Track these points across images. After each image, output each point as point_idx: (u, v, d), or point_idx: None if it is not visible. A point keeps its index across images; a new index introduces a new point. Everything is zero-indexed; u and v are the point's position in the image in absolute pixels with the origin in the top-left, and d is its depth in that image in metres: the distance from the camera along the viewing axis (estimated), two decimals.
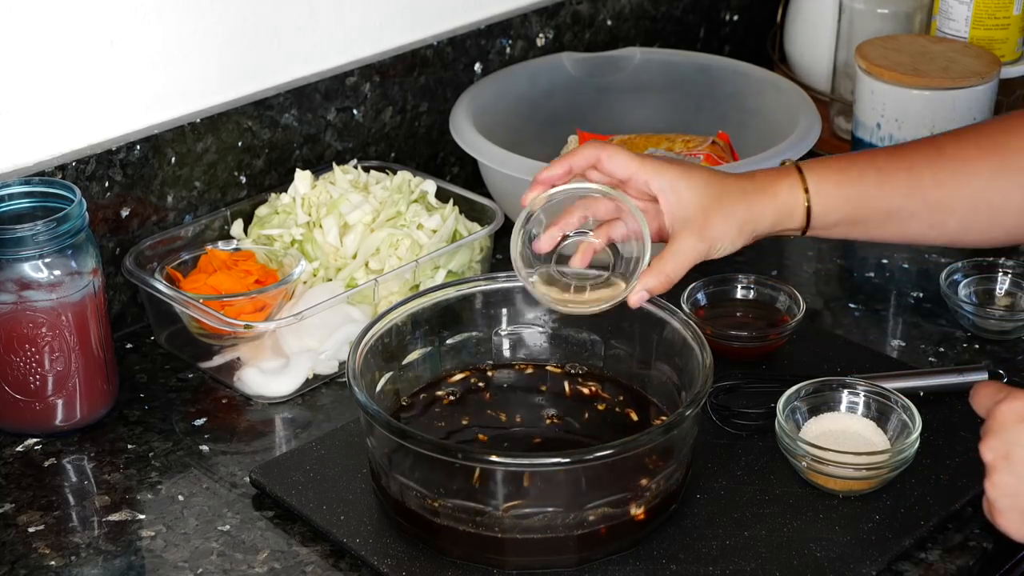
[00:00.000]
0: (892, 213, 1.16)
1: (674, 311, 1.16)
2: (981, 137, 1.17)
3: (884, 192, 1.15)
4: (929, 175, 1.15)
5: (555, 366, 1.23)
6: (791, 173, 1.15)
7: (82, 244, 1.18)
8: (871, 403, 1.16)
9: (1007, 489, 0.97)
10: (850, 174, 1.15)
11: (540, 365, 1.23)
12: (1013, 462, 0.96)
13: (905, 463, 1.10)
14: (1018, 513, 0.97)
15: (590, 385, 1.20)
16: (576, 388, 1.20)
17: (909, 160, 1.16)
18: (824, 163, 1.16)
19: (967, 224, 1.17)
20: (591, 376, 1.21)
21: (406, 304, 1.18)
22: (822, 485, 1.11)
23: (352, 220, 1.36)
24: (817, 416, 1.16)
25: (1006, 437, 0.96)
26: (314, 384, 1.28)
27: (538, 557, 1.04)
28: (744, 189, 1.14)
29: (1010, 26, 1.60)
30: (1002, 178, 1.15)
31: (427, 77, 1.56)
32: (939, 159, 1.16)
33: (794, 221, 1.15)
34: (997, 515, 0.98)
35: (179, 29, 1.36)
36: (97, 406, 1.22)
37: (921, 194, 1.15)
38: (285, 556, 1.07)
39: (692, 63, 1.65)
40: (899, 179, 1.15)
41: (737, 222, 1.13)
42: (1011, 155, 1.15)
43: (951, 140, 1.17)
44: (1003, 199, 1.15)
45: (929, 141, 1.18)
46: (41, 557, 1.08)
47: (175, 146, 1.37)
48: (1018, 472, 0.96)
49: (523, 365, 1.23)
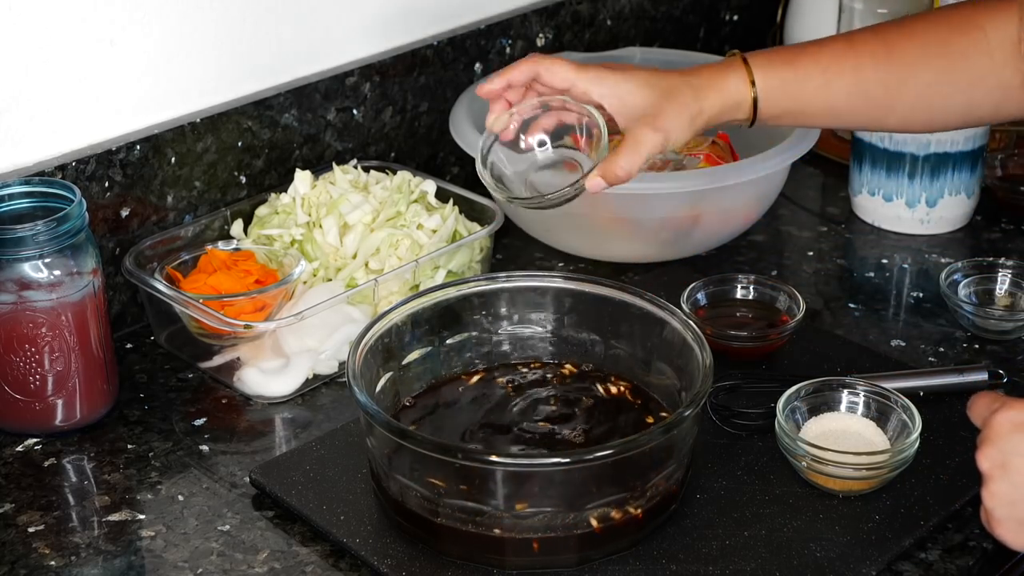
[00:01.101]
0: (835, 108, 1.19)
1: (674, 311, 1.16)
2: (929, 35, 1.17)
3: (829, 91, 1.17)
4: (874, 76, 1.17)
5: (555, 366, 1.23)
6: (738, 67, 1.17)
7: (82, 244, 1.18)
8: (871, 403, 1.16)
9: (1004, 498, 0.97)
10: (796, 71, 1.17)
11: (540, 365, 1.23)
12: (1010, 471, 0.96)
13: (905, 463, 1.10)
14: (1016, 522, 0.97)
15: (590, 385, 1.20)
16: (576, 388, 1.20)
17: (856, 58, 1.17)
18: (770, 58, 1.18)
19: (907, 121, 1.21)
20: (591, 376, 1.21)
21: (406, 304, 1.18)
22: (822, 485, 1.11)
23: (352, 220, 1.36)
24: (817, 416, 1.16)
25: (1002, 446, 0.96)
26: (314, 384, 1.28)
27: (538, 557, 1.04)
28: (691, 83, 1.16)
29: None
30: (945, 82, 1.16)
31: (427, 77, 1.56)
32: (886, 60, 1.17)
33: (741, 112, 1.18)
34: (995, 524, 0.98)
35: (179, 29, 1.36)
36: (97, 406, 1.22)
37: (864, 94, 1.18)
38: (285, 556, 1.07)
39: (692, 63, 1.63)
40: (844, 79, 1.17)
41: (689, 113, 1.14)
42: (956, 59, 1.15)
43: (899, 38, 1.18)
44: (944, 101, 1.17)
45: (878, 35, 1.19)
46: (41, 557, 1.08)
47: (175, 146, 1.37)
48: (1015, 481, 0.96)
49: (523, 365, 1.23)
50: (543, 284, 1.22)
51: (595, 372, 1.22)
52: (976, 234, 1.54)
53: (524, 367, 1.23)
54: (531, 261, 1.48)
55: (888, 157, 1.50)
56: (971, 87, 1.16)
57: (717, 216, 1.43)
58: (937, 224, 1.53)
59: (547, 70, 1.16)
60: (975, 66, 1.15)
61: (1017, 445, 0.96)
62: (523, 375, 1.22)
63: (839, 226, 1.56)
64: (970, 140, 1.49)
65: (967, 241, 1.52)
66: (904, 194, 1.51)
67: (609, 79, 1.15)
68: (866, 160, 1.53)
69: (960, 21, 1.16)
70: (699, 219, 1.41)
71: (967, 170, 1.50)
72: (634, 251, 1.45)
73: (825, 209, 1.61)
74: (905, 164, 1.50)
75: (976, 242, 1.52)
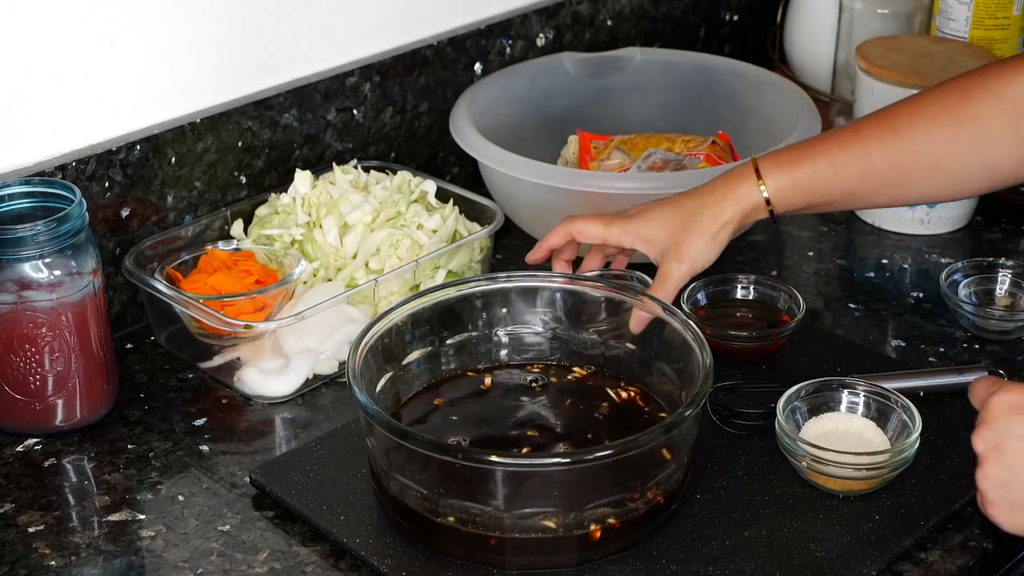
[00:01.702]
0: (852, 194, 1.21)
1: (674, 311, 1.16)
2: (934, 107, 1.18)
3: (840, 180, 1.20)
4: (883, 157, 1.18)
5: (555, 366, 1.23)
6: (749, 174, 1.21)
7: (82, 244, 1.17)
8: (871, 403, 1.16)
9: (997, 479, 0.97)
10: (804, 168, 1.21)
11: (540, 365, 1.23)
12: (1004, 453, 0.96)
13: (905, 463, 1.10)
14: (1007, 503, 0.97)
15: (591, 385, 1.20)
16: (576, 388, 1.20)
17: (863, 144, 1.19)
18: (779, 159, 1.22)
19: (928, 192, 1.23)
20: (592, 376, 1.21)
21: (406, 304, 1.18)
22: (822, 485, 1.11)
23: (352, 220, 1.36)
24: (817, 416, 1.16)
25: (997, 428, 0.97)
26: (314, 384, 1.28)
27: (538, 557, 1.04)
28: (705, 203, 1.22)
29: (1010, 26, 1.60)
30: (958, 149, 1.17)
31: (427, 77, 1.56)
32: (893, 139, 1.18)
33: (761, 213, 1.22)
34: (988, 505, 0.98)
35: (179, 29, 1.36)
36: (97, 406, 1.22)
37: (876, 176, 1.19)
38: (285, 556, 1.07)
39: (692, 63, 1.65)
40: (853, 166, 1.19)
41: (708, 234, 1.21)
42: (966, 123, 1.16)
43: (905, 115, 1.19)
44: (961, 167, 1.18)
45: (884, 118, 1.20)
46: (41, 557, 1.08)
47: (175, 146, 1.37)
48: (1008, 463, 0.96)
49: (523, 365, 1.23)
50: (543, 284, 1.22)
51: (595, 372, 1.22)
52: (976, 234, 1.54)
53: (524, 367, 1.23)
54: None
55: None
56: (987, 147, 1.16)
57: None
58: (937, 224, 1.53)
59: (580, 232, 1.25)
60: (989, 127, 1.16)
61: (1012, 427, 0.96)
62: (523, 375, 1.22)
63: (839, 226, 1.56)
64: None
65: (967, 241, 1.52)
66: None
67: (633, 226, 1.23)
68: None
69: (968, 88, 1.17)
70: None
71: None
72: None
73: None
74: None
75: (976, 242, 1.52)
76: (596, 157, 1.53)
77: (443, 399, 1.19)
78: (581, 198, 1.38)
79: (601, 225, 1.24)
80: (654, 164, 1.49)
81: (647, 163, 1.49)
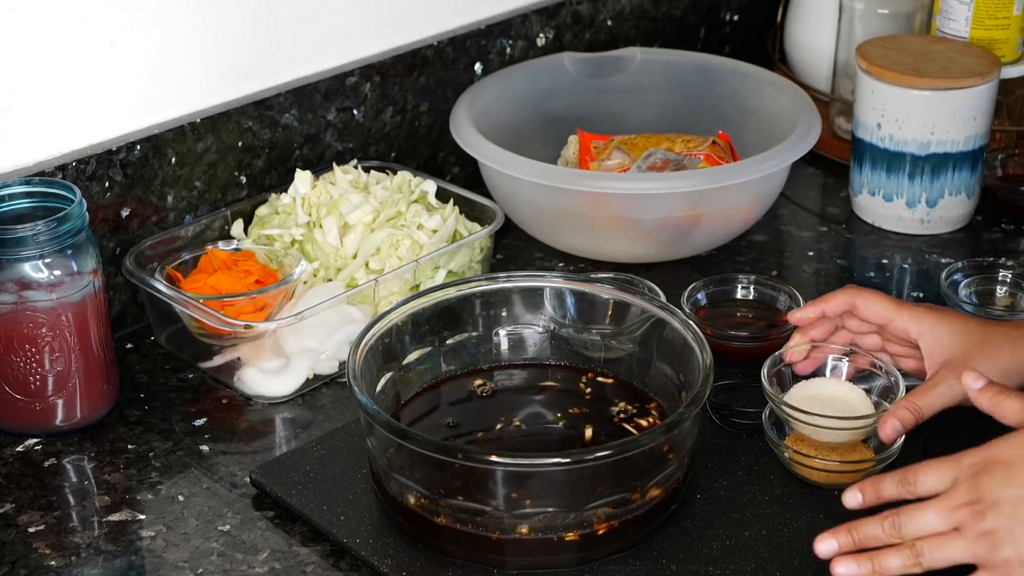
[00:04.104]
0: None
1: (674, 311, 1.16)
2: None
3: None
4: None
5: (555, 366, 1.23)
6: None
7: (82, 244, 1.18)
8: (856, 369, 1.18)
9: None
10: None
11: (540, 365, 1.23)
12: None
13: (891, 456, 1.11)
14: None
15: (591, 385, 1.20)
16: (576, 388, 1.20)
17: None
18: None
19: None
20: (592, 376, 1.21)
21: (406, 304, 1.18)
22: (807, 478, 1.12)
23: (352, 220, 1.36)
24: (803, 382, 1.18)
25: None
26: (314, 384, 1.28)
27: (538, 557, 1.04)
28: (1010, 336, 1.13)
29: (1010, 26, 1.60)
30: None
31: (427, 77, 1.56)
32: None
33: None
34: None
35: (179, 29, 1.36)
36: (97, 406, 1.22)
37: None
38: (285, 556, 1.07)
39: (692, 63, 1.65)
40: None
41: (1000, 367, 1.11)
42: None
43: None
44: None
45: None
46: (41, 557, 1.08)
47: (175, 146, 1.37)
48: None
49: (523, 365, 1.23)
50: (543, 284, 1.22)
51: (595, 372, 1.22)
52: (976, 234, 1.54)
53: (524, 367, 1.23)
54: (531, 261, 1.48)
55: (888, 157, 1.50)
56: None
57: (717, 216, 1.43)
58: (937, 224, 1.53)
59: (865, 304, 1.17)
60: None
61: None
62: (523, 375, 1.22)
63: (839, 226, 1.56)
64: (970, 140, 1.49)
65: (967, 241, 1.52)
66: (904, 194, 1.51)
67: (927, 318, 1.15)
68: (866, 160, 1.53)
69: None
70: (699, 219, 1.41)
71: (967, 170, 1.50)
72: (634, 251, 1.45)
73: (825, 209, 1.61)
74: (905, 164, 1.50)
75: (976, 242, 1.52)
76: (596, 157, 1.53)
77: (443, 399, 1.19)
78: (581, 198, 1.38)
79: (891, 306, 1.16)
80: (654, 164, 1.49)
81: (647, 163, 1.50)
